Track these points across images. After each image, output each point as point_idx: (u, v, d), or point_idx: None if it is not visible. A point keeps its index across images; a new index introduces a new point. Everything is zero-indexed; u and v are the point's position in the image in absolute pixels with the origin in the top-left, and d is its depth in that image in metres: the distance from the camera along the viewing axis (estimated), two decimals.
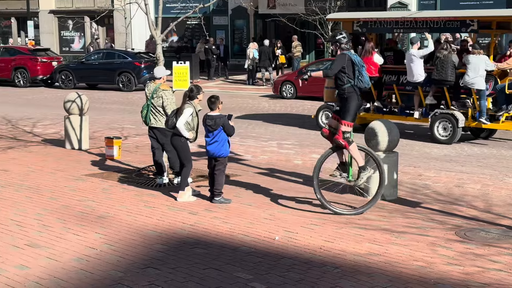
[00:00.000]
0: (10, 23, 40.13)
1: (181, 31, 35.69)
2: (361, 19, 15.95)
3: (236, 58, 34.30)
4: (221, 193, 8.89)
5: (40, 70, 28.90)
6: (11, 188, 9.56)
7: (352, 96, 8.32)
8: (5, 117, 17.97)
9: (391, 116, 15.12)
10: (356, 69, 8.27)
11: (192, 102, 9.08)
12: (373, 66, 15.20)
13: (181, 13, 19.05)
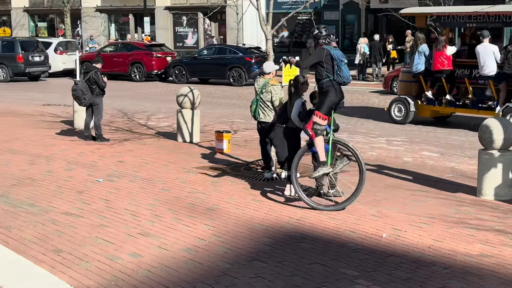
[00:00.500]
0: (128, 19, 41.63)
1: (291, 26, 35.78)
2: (434, 14, 16.18)
3: (346, 53, 33.97)
4: (335, 185, 8.91)
5: (155, 65, 29.84)
6: (126, 179, 9.93)
7: (330, 91, 8.23)
8: (122, 110, 18.68)
9: (463, 110, 15.78)
10: (335, 63, 8.18)
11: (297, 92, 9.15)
12: (446, 59, 15.41)
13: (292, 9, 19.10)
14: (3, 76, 28.87)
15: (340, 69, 8.19)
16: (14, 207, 8.18)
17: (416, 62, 15.98)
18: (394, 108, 16.59)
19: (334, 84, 8.24)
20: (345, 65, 8.28)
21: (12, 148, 12.29)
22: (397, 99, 16.60)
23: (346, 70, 8.26)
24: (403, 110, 16.36)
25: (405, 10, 18.32)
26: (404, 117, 16.36)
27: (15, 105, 19.82)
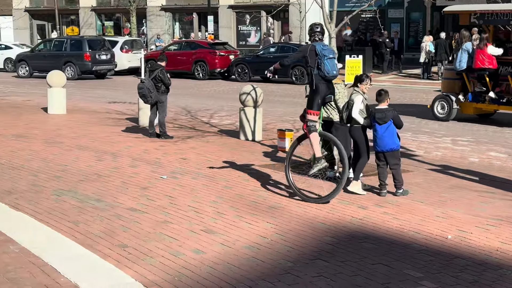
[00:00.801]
0: (192, 18, 42.08)
1: (354, 24, 35.50)
2: (478, 11, 16.13)
3: (411, 52, 33.55)
4: (402, 185, 8.83)
5: (218, 63, 30.05)
6: (189, 176, 10.03)
7: (319, 85, 8.49)
8: (185, 108, 18.89)
9: (507, 107, 15.77)
10: (318, 58, 8.39)
11: (359, 89, 9.10)
12: (487, 58, 15.30)
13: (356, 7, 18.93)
14: (71, 74, 29.59)
15: (322, 63, 8.40)
16: (81, 202, 8.37)
17: (459, 59, 16.02)
18: (437, 105, 16.71)
19: (322, 79, 8.48)
20: (329, 60, 8.44)
21: (80, 145, 12.59)
22: (440, 96, 16.74)
23: (328, 65, 8.42)
24: (446, 107, 16.45)
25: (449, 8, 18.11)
26: (447, 114, 16.44)
27: (83, 103, 20.29)
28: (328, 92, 8.63)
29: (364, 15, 34.11)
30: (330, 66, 8.44)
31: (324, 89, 8.56)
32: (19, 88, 25.87)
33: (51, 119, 16.55)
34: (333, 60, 8.54)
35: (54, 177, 9.76)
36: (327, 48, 8.61)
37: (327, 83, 8.57)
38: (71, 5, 44.78)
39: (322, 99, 8.62)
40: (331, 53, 8.55)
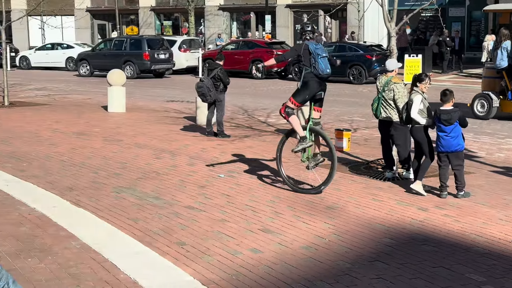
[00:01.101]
0: (249, 17, 42.20)
1: (414, 23, 35.01)
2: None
3: (472, 51, 32.89)
4: (464, 187, 8.67)
5: None
6: (246, 175, 10.04)
7: (310, 82, 8.77)
8: (242, 107, 18.94)
9: None
10: (312, 57, 8.69)
11: (418, 89, 8.95)
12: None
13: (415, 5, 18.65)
14: (130, 73, 30.02)
15: (316, 62, 8.71)
16: (140, 200, 8.47)
17: (499, 58, 15.95)
18: (477, 104, 16.70)
19: (314, 76, 8.75)
20: (322, 59, 8.74)
21: (138, 143, 12.75)
22: (480, 95, 16.70)
23: (322, 63, 8.72)
24: (485, 105, 16.41)
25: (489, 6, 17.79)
26: (486, 113, 16.36)
27: (141, 101, 20.56)
28: (319, 89, 8.92)
29: (424, 13, 33.59)
30: (324, 65, 8.75)
31: (315, 86, 8.84)
32: (80, 87, 26.40)
33: (111, 117, 16.83)
34: (326, 58, 8.82)
35: (113, 175, 9.90)
36: (320, 47, 8.89)
37: (319, 81, 8.85)
38: (131, 5, 45.46)
39: (313, 95, 8.93)
40: (323, 51, 8.85)
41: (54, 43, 38.44)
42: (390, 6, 11.54)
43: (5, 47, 20.67)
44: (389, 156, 10.04)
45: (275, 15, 39.76)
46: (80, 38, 45.04)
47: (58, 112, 17.57)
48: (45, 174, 9.86)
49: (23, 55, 37.84)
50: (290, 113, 9.03)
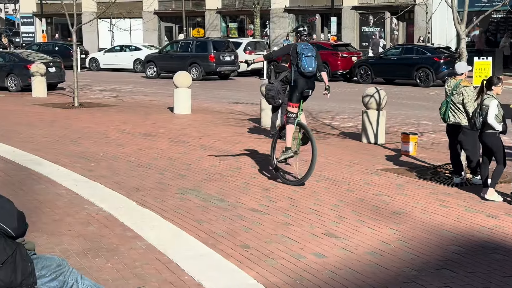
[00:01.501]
0: (315, 19, 42.05)
1: (484, 25, 34.21)
2: None
3: None
4: None
5: (340, 65, 29.83)
6: (312, 179, 9.96)
7: (298, 80, 9.43)
8: (307, 109, 18.79)
9: None
10: (297, 56, 9.25)
11: (492, 93, 8.71)
12: None
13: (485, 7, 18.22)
14: (196, 75, 30.32)
15: (300, 60, 9.30)
16: (205, 201, 8.52)
17: None
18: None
19: (300, 74, 9.39)
20: (307, 57, 9.30)
21: (203, 144, 12.84)
22: None
23: (306, 62, 9.30)
24: None
25: None
26: None
27: (207, 103, 20.73)
28: (306, 87, 9.51)
29: (494, 15, 32.78)
30: (307, 63, 9.31)
31: (302, 84, 9.48)
32: (147, 88, 26.81)
33: (177, 118, 17.02)
34: (311, 58, 9.36)
35: (179, 176, 10.00)
36: (308, 48, 9.42)
37: (305, 79, 9.45)
38: (198, 8, 45.93)
39: (300, 93, 9.57)
40: (310, 51, 9.36)
41: (122, 45, 39.19)
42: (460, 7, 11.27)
43: (76, 49, 21.16)
44: (458, 161, 9.83)
45: (341, 17, 39.50)
46: (148, 40, 45.77)
47: (125, 113, 17.89)
48: (113, 174, 10.04)
49: (92, 57, 38.70)
50: (290, 121, 9.66)
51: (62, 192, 8.83)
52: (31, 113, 17.85)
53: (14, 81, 24.30)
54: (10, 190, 8.80)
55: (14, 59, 24.86)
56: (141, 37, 47.16)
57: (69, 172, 10.04)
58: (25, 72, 23.74)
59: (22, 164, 10.57)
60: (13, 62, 24.66)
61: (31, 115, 17.38)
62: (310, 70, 9.42)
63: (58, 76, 25.18)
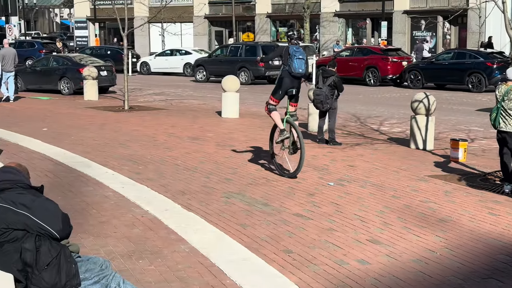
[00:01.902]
0: (365, 23, 41.78)
1: None
2: None
3: None
4: None
5: (390, 70, 29.55)
6: (356, 184, 9.91)
7: (284, 78, 10.17)
8: (355, 114, 18.75)
9: None
10: (289, 57, 10.01)
11: None
12: None
13: None
14: (245, 79, 30.44)
15: (292, 61, 10.00)
16: (249, 205, 8.53)
17: None
18: None
19: (288, 74, 10.08)
20: (298, 60, 10.00)
21: (250, 149, 12.87)
22: None
23: (297, 64, 10.01)
24: None
25: None
26: None
27: (255, 107, 20.77)
28: (291, 86, 10.19)
29: None
30: (297, 65, 10.02)
31: (288, 83, 10.17)
32: (196, 92, 27.04)
33: (224, 122, 17.11)
34: (302, 60, 10.08)
35: (224, 180, 10.05)
36: (299, 50, 10.16)
37: (292, 79, 10.13)
38: (248, 12, 46.12)
39: (285, 91, 10.23)
40: (301, 54, 10.12)
41: (173, 49, 39.62)
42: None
43: (127, 53, 21.47)
44: (508, 169, 9.61)
45: (392, 21, 39.14)
46: (198, 44, 46.17)
47: (174, 117, 18.06)
48: (159, 177, 10.15)
49: (143, 60, 39.23)
50: (272, 109, 10.51)
51: (109, 194, 8.96)
52: (82, 116, 18.19)
53: (67, 85, 24.80)
54: (59, 192, 8.98)
55: (67, 63, 25.37)
56: (191, 41, 47.60)
57: (116, 175, 10.18)
58: (77, 76, 24.20)
59: (71, 166, 10.77)
60: (66, 66, 25.17)
61: (82, 118, 17.70)
62: (300, 72, 10.11)
63: (110, 79, 25.59)
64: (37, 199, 4.60)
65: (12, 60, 21.99)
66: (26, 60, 37.05)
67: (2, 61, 21.58)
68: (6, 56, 21.88)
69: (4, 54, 21.99)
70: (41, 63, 26.58)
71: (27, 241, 4.48)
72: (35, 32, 66.67)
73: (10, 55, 22.01)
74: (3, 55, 21.85)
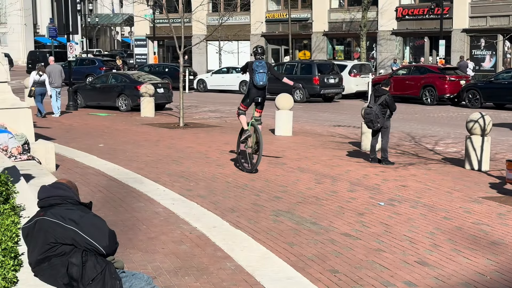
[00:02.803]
0: (423, 42, 41.35)
1: None
2: None
3: None
4: None
5: (448, 89, 29.12)
6: (408, 204, 9.79)
7: (251, 89, 12.23)
8: (410, 133, 18.54)
9: None
10: (252, 71, 12.04)
11: None
12: None
13: None
14: (300, 97, 30.46)
15: (254, 75, 12.01)
16: (297, 224, 8.53)
17: None
18: None
19: (253, 86, 12.09)
20: (259, 73, 11.98)
21: (301, 167, 12.87)
22: None
23: (258, 77, 12.00)
24: None
25: None
26: None
27: (308, 125, 20.77)
28: (256, 95, 12.19)
29: None
30: (259, 78, 12.02)
31: (254, 93, 12.17)
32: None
33: (277, 140, 17.14)
34: (263, 74, 12.00)
35: (274, 198, 10.07)
36: (261, 65, 12.07)
37: (257, 89, 12.12)
38: (304, 30, 46.22)
39: (252, 100, 12.26)
40: (262, 68, 12.03)
41: (229, 67, 39.96)
42: None
43: (183, 71, 21.77)
44: None
45: (450, 39, 38.63)
46: None
47: (227, 134, 18.20)
48: (210, 194, 10.24)
49: (200, 78, 39.68)
50: (240, 113, 12.45)
51: (160, 210, 9.08)
52: (138, 132, 18.50)
53: (125, 101, 25.28)
54: (111, 207, 9.15)
55: (125, 80, 25.88)
56: (248, 59, 47.91)
57: (168, 191, 10.31)
58: (135, 93, 24.66)
59: (124, 182, 10.96)
60: (124, 83, 25.68)
61: (138, 134, 18.01)
62: (261, 84, 12.05)
63: (166, 97, 25.98)
64: (85, 215, 4.71)
65: (58, 76, 22.96)
66: (87, 77, 37.98)
67: (49, 77, 22.42)
68: (53, 73, 22.80)
69: (50, 70, 22.89)
70: (101, 80, 27.19)
71: (74, 255, 4.59)
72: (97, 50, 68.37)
73: (56, 72, 22.95)
74: (50, 72, 22.75)
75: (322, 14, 44.90)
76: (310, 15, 45.62)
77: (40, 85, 21.91)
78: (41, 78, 21.95)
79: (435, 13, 38.75)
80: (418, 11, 40.75)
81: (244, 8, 41.33)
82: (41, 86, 21.93)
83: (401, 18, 41.43)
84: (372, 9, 40.93)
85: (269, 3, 47.94)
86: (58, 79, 22.85)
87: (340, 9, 44.58)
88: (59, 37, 51.41)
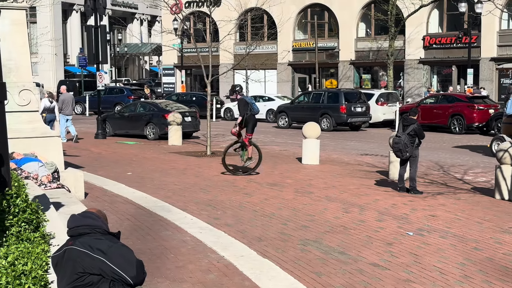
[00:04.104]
0: (451, 71, 41.19)
1: None
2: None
3: None
4: None
5: (476, 118, 28.89)
6: (437, 234, 9.69)
7: (251, 118, 15.43)
8: (438, 162, 18.39)
9: None
10: (248, 105, 15.30)
11: None
12: None
13: None
14: (326, 126, 30.43)
15: (251, 107, 15.35)
16: (325, 254, 8.47)
17: (509, 105, 19.74)
18: (494, 145, 19.28)
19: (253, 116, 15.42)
20: (254, 104, 15.55)
21: (329, 196, 12.82)
22: (496, 137, 19.64)
23: (255, 107, 15.59)
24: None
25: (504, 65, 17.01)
26: None
27: (335, 154, 20.71)
28: (255, 121, 15.67)
29: None
30: (256, 108, 15.60)
31: (255, 120, 15.58)
32: (277, 138, 27.20)
33: (304, 169, 17.11)
34: (255, 104, 15.66)
35: (301, 227, 10.03)
36: (249, 97, 16.18)
37: (254, 117, 15.42)
38: (331, 59, 46.32)
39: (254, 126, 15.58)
40: (252, 100, 15.79)
41: (256, 95, 40.09)
42: None
43: (210, 99, 21.91)
44: None
45: (478, 68, 38.43)
46: (281, 90, 46.58)
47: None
48: (237, 222, 10.23)
49: (227, 106, 39.84)
50: (252, 143, 15.60)
51: (187, 239, 9.09)
52: (165, 161, 18.60)
53: (153, 130, 25.47)
54: (139, 235, 9.19)
55: (153, 109, 26.10)
56: (274, 88, 48.10)
57: (195, 220, 10.33)
58: (162, 121, 24.84)
59: (152, 210, 11.01)
60: (152, 112, 25.90)
61: (165, 162, 18.10)
62: (258, 111, 15.76)
63: (193, 125, 26.13)
64: (113, 245, 4.72)
65: (71, 105, 23.86)
66: (116, 106, 38.37)
67: (62, 105, 23.17)
68: (65, 101, 23.54)
69: (63, 99, 23.65)
70: (129, 109, 27.46)
71: (102, 286, 4.59)
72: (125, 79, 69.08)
73: (69, 100, 23.76)
74: (63, 100, 23.52)
75: (349, 43, 45.00)
76: (337, 44, 45.75)
77: (50, 112, 22.25)
78: (52, 105, 22.30)
79: (462, 41, 38.63)
80: (445, 40, 40.67)
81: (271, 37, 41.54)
82: (51, 113, 22.29)
83: (428, 46, 41.36)
84: (399, 38, 40.94)
85: (296, 32, 48.19)
86: (69, 108, 23.70)
87: (367, 38, 44.66)
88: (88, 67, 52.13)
